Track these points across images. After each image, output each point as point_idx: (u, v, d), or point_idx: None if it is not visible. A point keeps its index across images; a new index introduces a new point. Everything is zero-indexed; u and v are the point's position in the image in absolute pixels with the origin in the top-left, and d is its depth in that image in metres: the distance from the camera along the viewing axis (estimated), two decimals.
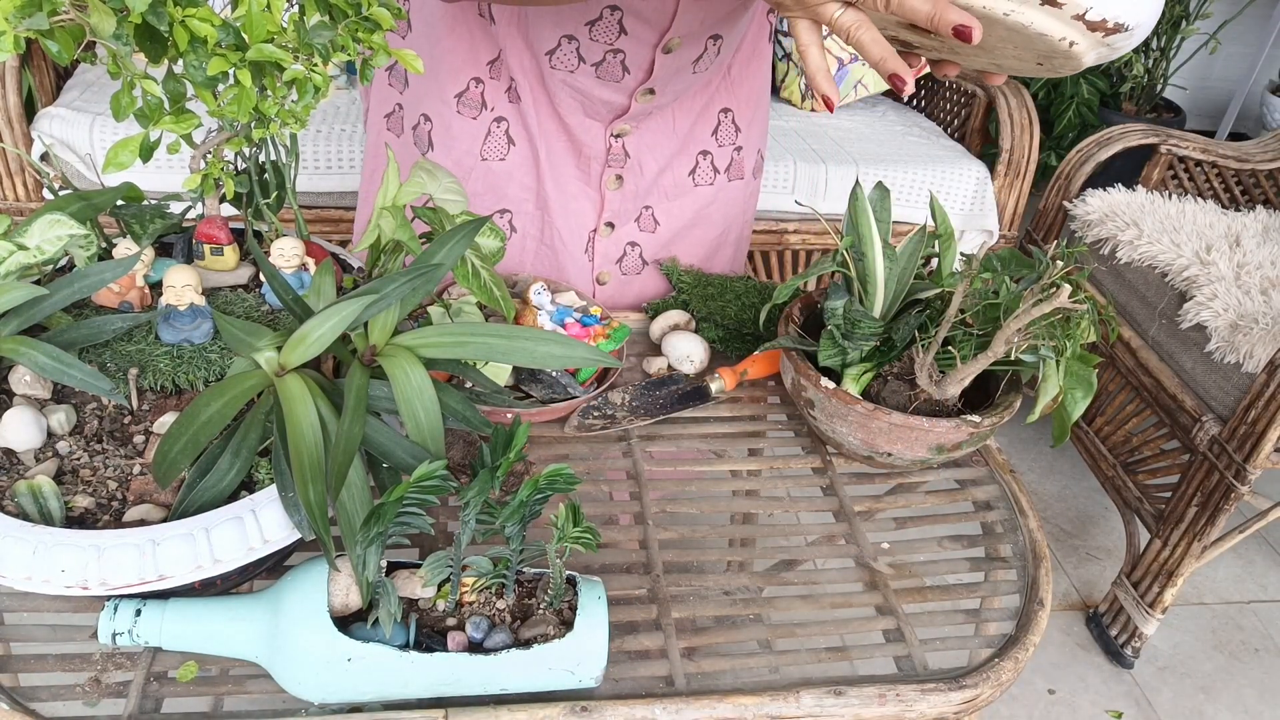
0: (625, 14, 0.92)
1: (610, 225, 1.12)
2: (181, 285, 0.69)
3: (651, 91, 1.01)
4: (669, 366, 0.99)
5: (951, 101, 2.50)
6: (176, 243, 0.80)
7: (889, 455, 0.84)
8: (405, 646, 0.62)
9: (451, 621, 0.65)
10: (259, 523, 0.61)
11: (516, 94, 1.02)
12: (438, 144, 1.08)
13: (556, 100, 1.02)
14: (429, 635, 0.64)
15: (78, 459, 0.64)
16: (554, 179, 1.07)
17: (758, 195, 1.23)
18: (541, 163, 1.06)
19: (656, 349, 1.02)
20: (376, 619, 0.62)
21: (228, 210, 0.80)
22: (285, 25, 0.64)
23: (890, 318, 0.88)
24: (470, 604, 0.66)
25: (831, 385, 0.84)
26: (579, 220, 1.10)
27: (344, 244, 1.94)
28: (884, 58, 0.64)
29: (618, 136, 1.06)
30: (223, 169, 0.74)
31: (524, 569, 0.68)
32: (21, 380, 0.66)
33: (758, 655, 0.74)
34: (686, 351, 0.98)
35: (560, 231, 1.10)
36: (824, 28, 0.66)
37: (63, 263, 0.75)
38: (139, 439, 0.66)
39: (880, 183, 0.89)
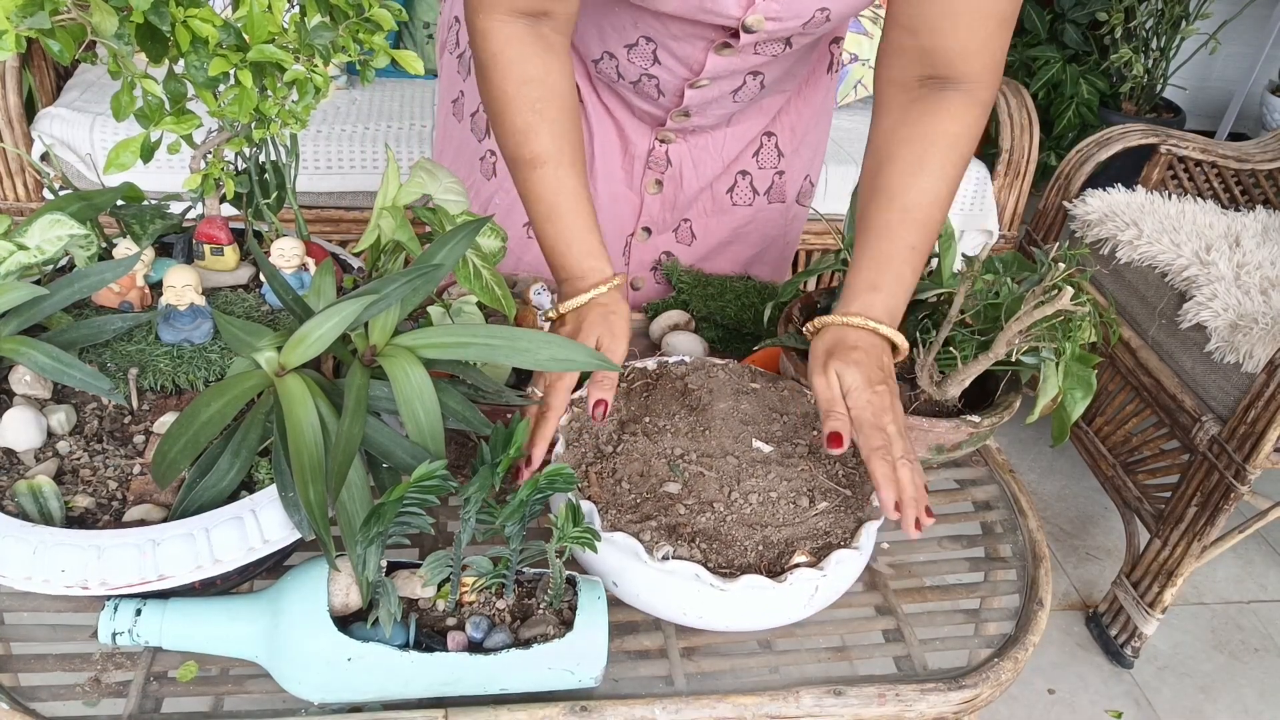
0: (659, 46, 0.93)
1: (647, 230, 1.12)
2: (181, 285, 0.69)
3: (686, 114, 1.02)
4: None
5: None
6: (176, 243, 0.80)
7: None
8: (405, 646, 0.62)
9: (451, 621, 0.65)
10: (259, 523, 0.61)
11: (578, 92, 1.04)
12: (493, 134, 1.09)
13: (604, 98, 1.04)
14: (429, 635, 0.64)
15: (78, 459, 0.64)
16: (603, 176, 1.08)
17: (803, 219, 1.21)
18: (595, 159, 1.07)
19: (657, 349, 1.02)
20: (376, 619, 0.62)
21: (228, 210, 0.80)
22: (286, 26, 0.64)
23: None
24: (470, 604, 0.66)
25: None
26: (619, 222, 1.11)
27: (344, 244, 1.94)
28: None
29: (662, 142, 1.07)
30: (223, 169, 0.74)
31: (524, 569, 0.68)
32: (21, 380, 0.66)
33: (758, 655, 0.74)
34: (686, 351, 0.98)
35: (602, 230, 1.10)
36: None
37: (63, 263, 0.75)
38: (139, 439, 0.66)
39: None
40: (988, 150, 2.34)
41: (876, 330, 0.76)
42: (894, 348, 0.77)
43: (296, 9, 0.65)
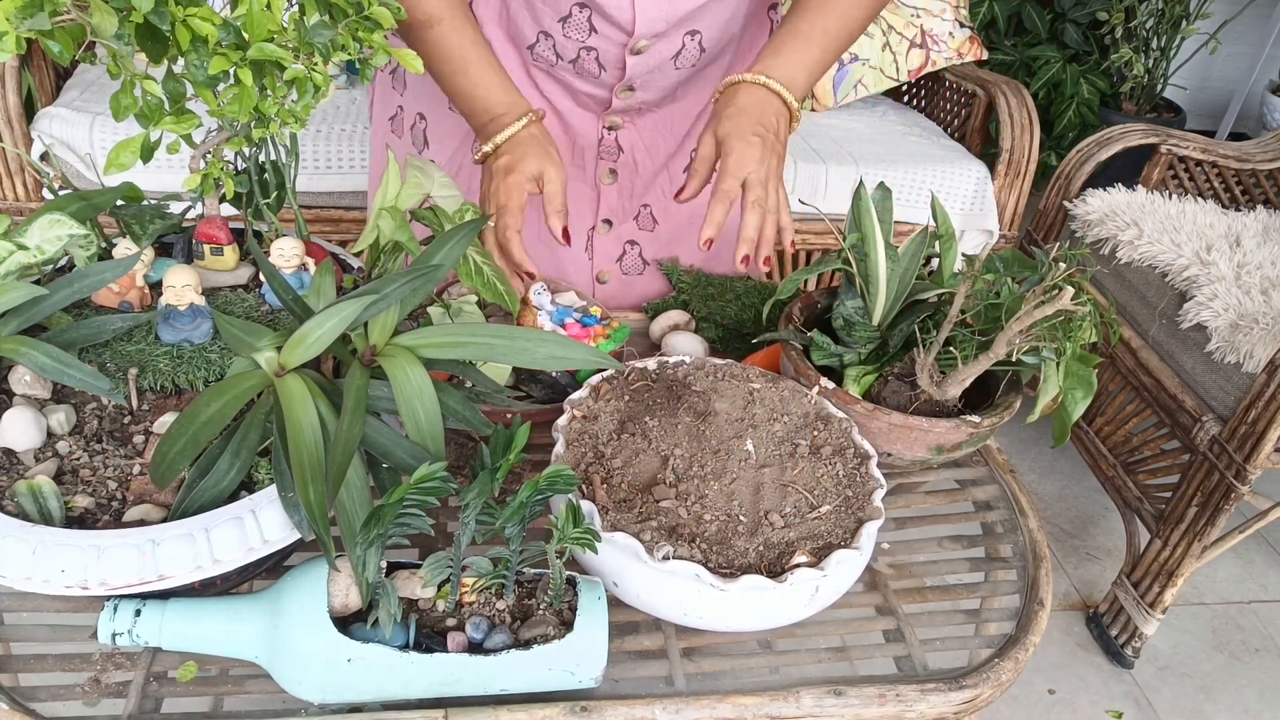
0: (593, 12, 0.93)
1: (608, 223, 1.12)
2: (181, 285, 0.69)
3: (631, 88, 1.01)
4: None
5: (952, 101, 2.50)
6: (176, 243, 0.80)
7: (889, 455, 0.84)
8: (405, 647, 0.62)
9: (451, 622, 0.65)
10: (259, 523, 0.61)
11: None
12: (432, 141, 1.08)
13: (545, 90, 1.03)
14: (429, 635, 0.64)
15: (78, 459, 0.64)
16: None
17: None
18: None
19: (657, 349, 1.02)
20: (376, 619, 0.62)
21: (227, 210, 0.80)
22: (285, 24, 0.64)
23: (891, 319, 0.88)
24: (470, 604, 0.66)
25: (831, 385, 0.84)
26: (578, 218, 1.10)
27: (344, 244, 1.94)
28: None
29: (610, 129, 1.06)
30: (223, 169, 0.74)
31: (524, 570, 0.68)
32: (21, 380, 0.66)
33: (758, 655, 0.74)
34: (686, 351, 0.98)
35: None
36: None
37: (63, 263, 0.75)
38: (139, 439, 0.66)
39: (882, 183, 0.89)
40: (988, 150, 2.34)
41: (766, 85, 0.82)
42: (790, 112, 0.84)
43: (296, 7, 0.65)
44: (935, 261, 0.90)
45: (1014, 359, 0.80)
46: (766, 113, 0.81)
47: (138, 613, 0.62)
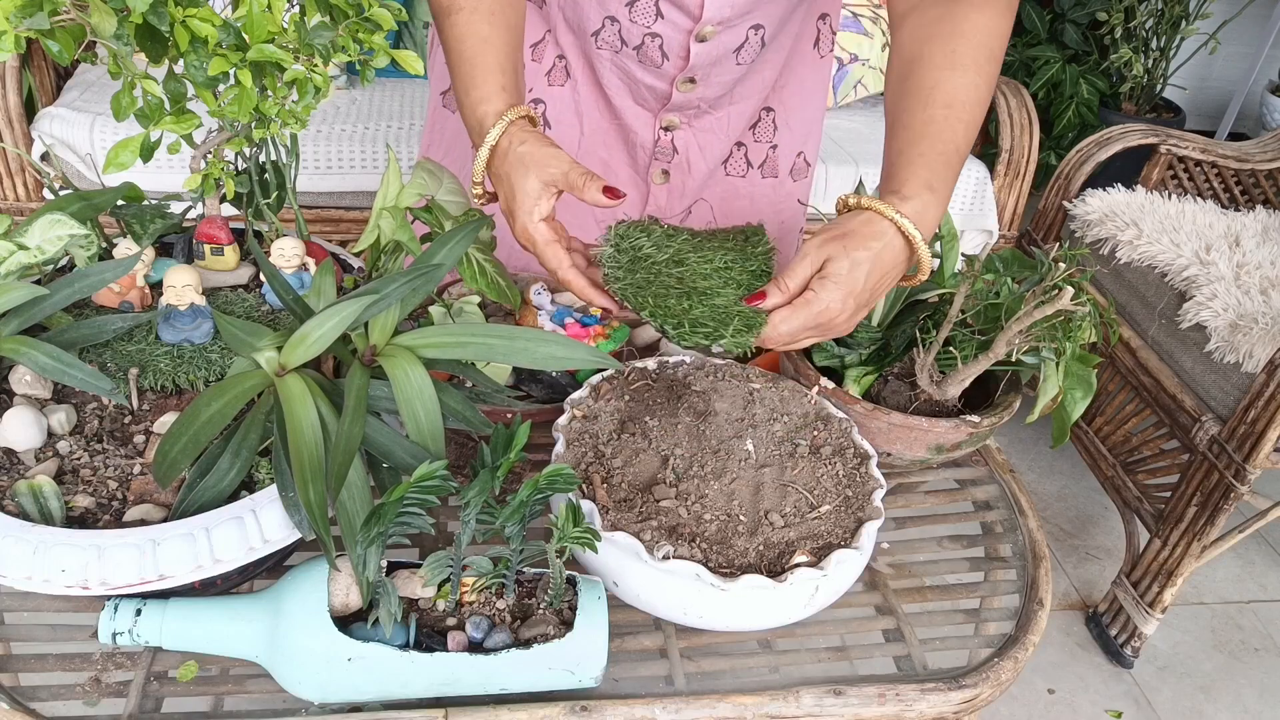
0: None
1: (654, 219, 1.12)
2: (182, 285, 0.69)
3: (692, 80, 1.00)
4: None
5: None
6: (177, 243, 0.80)
7: (888, 455, 0.84)
8: (405, 646, 0.62)
9: (451, 621, 0.65)
10: (259, 523, 0.61)
11: (566, 72, 1.03)
12: None
13: (605, 83, 1.03)
14: (429, 635, 0.64)
15: (78, 459, 0.64)
16: (602, 161, 1.07)
17: (796, 198, 1.19)
18: (584, 144, 1.06)
19: (655, 349, 1.01)
20: (376, 619, 0.62)
21: (228, 210, 0.80)
22: (286, 26, 0.64)
23: (891, 319, 0.88)
24: (470, 604, 0.66)
25: (831, 384, 0.84)
26: (625, 205, 1.10)
27: (344, 244, 1.94)
28: None
29: (666, 129, 1.05)
30: (223, 169, 0.74)
31: (524, 569, 0.68)
32: (22, 380, 0.66)
33: (758, 655, 0.74)
34: (686, 351, 0.98)
35: (596, 214, 1.09)
36: None
37: (63, 263, 0.75)
38: (139, 439, 0.66)
39: None
40: (988, 150, 2.34)
41: (914, 244, 0.73)
42: (913, 251, 0.74)
43: (296, 9, 0.65)
44: (936, 261, 0.90)
45: (1014, 359, 0.80)
46: (890, 271, 0.73)
47: (138, 612, 0.62)
